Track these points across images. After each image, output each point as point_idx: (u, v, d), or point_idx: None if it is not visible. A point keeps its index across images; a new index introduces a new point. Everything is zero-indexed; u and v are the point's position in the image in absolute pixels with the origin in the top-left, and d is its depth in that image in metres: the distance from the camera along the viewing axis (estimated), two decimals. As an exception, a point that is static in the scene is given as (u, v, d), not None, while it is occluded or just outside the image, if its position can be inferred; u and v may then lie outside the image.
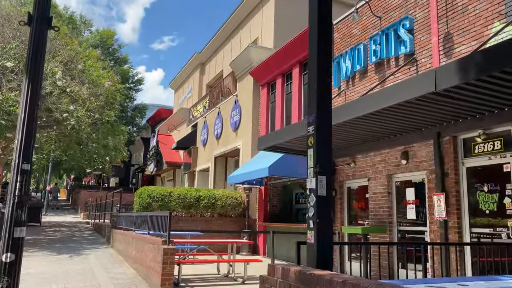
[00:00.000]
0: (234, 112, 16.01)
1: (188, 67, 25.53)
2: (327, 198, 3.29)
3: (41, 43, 3.94)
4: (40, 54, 3.94)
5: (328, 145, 3.44)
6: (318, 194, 3.26)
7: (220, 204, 13.20)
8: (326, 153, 3.38)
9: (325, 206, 3.27)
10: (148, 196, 12.38)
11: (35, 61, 3.90)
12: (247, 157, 14.46)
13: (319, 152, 3.32)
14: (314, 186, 3.28)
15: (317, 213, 3.26)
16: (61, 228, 16.80)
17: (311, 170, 3.36)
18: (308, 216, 3.42)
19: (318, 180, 3.26)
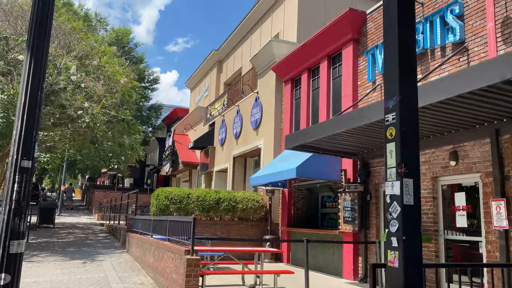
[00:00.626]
0: (254, 110, 15.24)
1: (205, 64, 24.87)
2: (415, 208, 2.48)
3: (47, 5, 3.19)
4: (46, 20, 3.19)
5: (416, 138, 2.62)
6: (404, 203, 2.45)
7: (241, 207, 12.43)
8: (413, 148, 2.57)
9: (413, 218, 2.47)
10: (166, 198, 11.69)
11: (40, 28, 3.16)
12: (268, 157, 13.68)
13: (404, 147, 2.52)
14: (398, 192, 2.48)
15: (403, 227, 2.45)
16: (75, 230, 16.25)
17: (392, 171, 2.56)
18: (390, 232, 2.61)
19: (404, 184, 2.46)
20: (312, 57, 11.79)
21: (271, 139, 13.71)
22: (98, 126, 12.78)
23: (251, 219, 12.85)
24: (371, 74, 9.47)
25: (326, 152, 9.14)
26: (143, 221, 9.74)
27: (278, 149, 13.47)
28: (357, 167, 9.75)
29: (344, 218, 9.57)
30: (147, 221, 9.20)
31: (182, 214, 12.10)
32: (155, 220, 8.23)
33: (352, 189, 9.37)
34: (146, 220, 9.36)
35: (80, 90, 11.59)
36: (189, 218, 6.05)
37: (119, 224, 15.37)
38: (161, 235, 7.80)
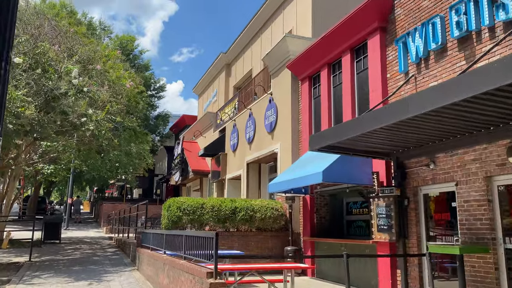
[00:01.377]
0: (268, 112, 14.31)
1: (213, 69, 24.05)
2: None
3: None
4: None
5: None
6: None
7: (259, 216, 11.45)
8: None
9: None
10: (178, 208, 10.75)
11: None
12: (286, 162, 12.72)
13: None
14: None
15: None
16: (82, 245, 15.35)
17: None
18: None
19: None
20: (332, 51, 10.85)
21: (288, 142, 12.75)
22: (103, 134, 11.92)
23: (270, 229, 11.86)
24: (403, 65, 8.49)
25: (357, 153, 8.16)
26: (155, 235, 8.79)
27: (296, 153, 12.50)
28: (390, 169, 8.75)
29: (379, 226, 8.54)
30: (159, 236, 8.25)
31: (196, 226, 11.16)
32: (169, 235, 7.27)
33: (387, 193, 8.35)
34: (158, 234, 8.40)
35: (83, 95, 10.74)
36: (211, 234, 5.11)
37: (128, 238, 14.44)
38: (175, 251, 6.85)
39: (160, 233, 8.23)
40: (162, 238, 7.89)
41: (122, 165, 15.23)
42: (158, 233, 8.40)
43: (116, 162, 14.76)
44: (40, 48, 10.17)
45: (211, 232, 5.22)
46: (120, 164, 15.08)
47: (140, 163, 15.92)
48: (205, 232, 5.57)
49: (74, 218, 33.88)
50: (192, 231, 6.51)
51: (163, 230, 9.58)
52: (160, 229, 16.11)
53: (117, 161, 14.58)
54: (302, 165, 10.60)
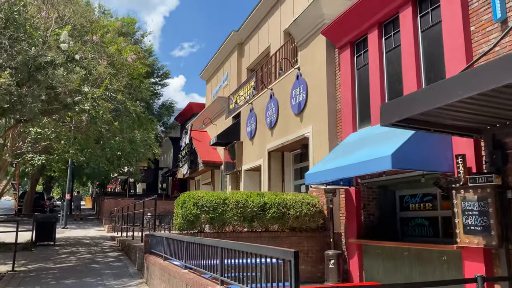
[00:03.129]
0: (295, 90, 12.15)
1: (223, 50, 21.85)
2: None
3: None
4: None
5: None
6: None
7: (293, 214, 9.35)
8: None
9: None
10: (195, 205, 8.65)
11: None
12: (320, 147, 10.59)
13: None
14: None
15: None
16: (80, 247, 13.29)
17: None
18: None
19: None
20: (385, 6, 8.66)
21: (323, 124, 10.61)
22: (102, 116, 9.78)
23: (305, 228, 9.76)
24: (499, 10, 6.31)
25: (439, 129, 6.02)
26: (170, 241, 6.65)
27: (334, 136, 10.36)
28: (479, 151, 6.61)
29: (466, 226, 6.41)
30: (177, 243, 6.11)
31: (216, 227, 9.06)
32: (194, 244, 5.07)
33: (482, 182, 6.20)
34: (175, 240, 6.26)
35: (75, 64, 8.60)
36: (288, 254, 3.01)
37: (133, 239, 12.36)
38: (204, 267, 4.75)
39: (177, 239, 6.09)
40: (181, 246, 5.78)
41: (125, 154, 13.17)
42: (174, 239, 6.27)
43: (118, 151, 12.71)
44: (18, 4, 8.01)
45: (288, 250, 3.09)
46: (123, 153, 13.01)
47: (146, 152, 13.87)
48: (270, 249, 3.45)
49: (74, 215, 31.84)
50: (235, 243, 4.35)
51: (181, 235, 7.49)
52: (167, 229, 14.00)
53: (119, 149, 12.53)
54: (349, 150, 8.46)
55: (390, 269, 8.22)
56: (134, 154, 13.47)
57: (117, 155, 13.45)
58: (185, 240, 5.45)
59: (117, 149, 12.74)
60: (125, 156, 13.63)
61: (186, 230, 8.80)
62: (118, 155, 13.37)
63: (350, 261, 9.33)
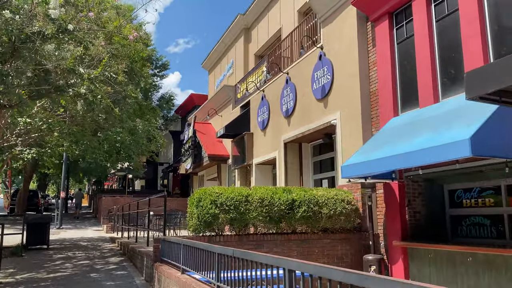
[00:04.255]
0: (318, 72, 10.78)
1: (227, 36, 20.41)
2: None
3: None
4: None
5: None
6: None
7: (326, 212, 7.99)
8: None
9: None
10: (213, 203, 7.28)
11: None
12: (351, 135, 9.26)
13: None
14: None
15: None
16: (77, 251, 11.89)
17: None
18: None
19: None
20: (438, -34, 7.29)
21: (354, 108, 9.25)
22: (100, 101, 8.36)
23: (339, 229, 8.41)
24: None
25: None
26: (191, 250, 5.18)
27: (368, 122, 9.03)
28: None
29: None
30: (202, 254, 4.65)
31: (237, 228, 7.70)
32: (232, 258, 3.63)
33: None
34: (199, 250, 4.80)
35: (68, 36, 7.17)
36: None
37: (137, 242, 10.99)
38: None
39: (204, 248, 4.62)
40: (209, 258, 4.36)
41: (125, 146, 11.74)
42: (199, 248, 4.81)
43: (117, 143, 11.28)
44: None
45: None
46: (123, 145, 11.58)
47: (148, 145, 12.44)
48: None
49: (73, 213, 30.59)
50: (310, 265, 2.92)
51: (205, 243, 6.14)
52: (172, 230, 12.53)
53: (118, 141, 11.12)
54: (398, 137, 7.11)
55: (449, 278, 6.90)
56: (136, 147, 12.03)
57: (116, 148, 11.98)
58: (216, 251, 4.07)
59: (115, 141, 11.30)
60: (125, 149, 12.18)
61: (202, 233, 7.45)
62: (117, 147, 11.90)
63: (393, 267, 8.01)
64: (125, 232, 15.42)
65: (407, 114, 7.90)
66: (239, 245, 7.57)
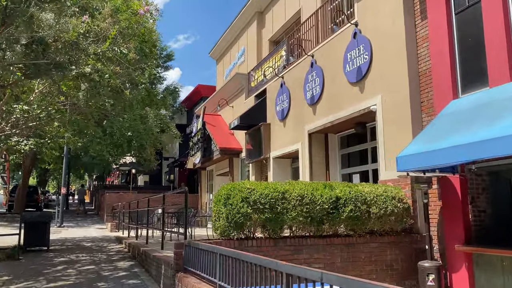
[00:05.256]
0: (352, 53, 9.55)
1: (238, 22, 19.14)
2: None
3: None
4: None
5: None
6: None
7: (375, 212, 6.79)
8: None
9: None
10: (244, 201, 6.08)
11: None
12: (398, 122, 8.05)
13: None
14: None
15: None
16: (80, 253, 10.71)
17: None
18: None
19: None
20: None
21: (401, 91, 8.04)
22: (108, 82, 7.15)
23: (388, 232, 7.21)
24: None
25: None
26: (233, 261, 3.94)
27: (418, 106, 7.82)
28: None
29: None
30: (256, 269, 3.39)
31: (270, 231, 6.49)
32: None
33: None
34: (251, 265, 3.52)
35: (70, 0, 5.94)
36: None
37: (147, 244, 9.80)
38: None
39: (259, 263, 3.37)
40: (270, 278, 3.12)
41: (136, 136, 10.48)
42: (252, 263, 3.55)
43: (129, 131, 10.02)
44: None
45: None
46: (134, 134, 10.32)
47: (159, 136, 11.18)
48: None
49: (77, 210, 29.74)
50: None
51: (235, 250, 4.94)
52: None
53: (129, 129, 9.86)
54: (465, 121, 5.89)
55: None
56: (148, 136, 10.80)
57: (127, 137, 10.69)
58: (285, 271, 2.84)
59: (127, 128, 10.06)
60: (137, 138, 10.90)
61: (231, 236, 6.25)
62: (129, 136, 10.61)
63: (453, 276, 6.81)
64: (131, 231, 14.25)
65: (472, 96, 6.67)
66: (274, 250, 6.39)
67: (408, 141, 7.68)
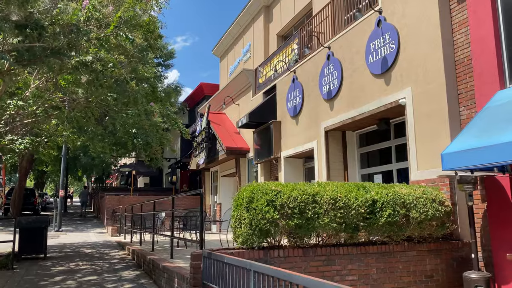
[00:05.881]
0: (376, 42, 8.79)
1: (243, 17, 18.40)
2: None
3: None
4: None
5: None
6: None
7: (416, 216, 6.02)
8: None
9: None
10: (270, 205, 5.30)
11: None
12: (432, 117, 7.30)
13: None
14: None
15: None
16: (80, 261, 9.89)
17: None
18: None
19: None
20: None
21: (434, 83, 7.28)
22: (111, 70, 6.37)
23: (427, 239, 6.43)
24: None
25: None
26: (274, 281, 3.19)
27: (454, 98, 7.06)
28: None
29: None
30: None
31: (297, 239, 5.71)
32: None
33: None
34: None
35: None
36: None
37: (153, 252, 9.00)
38: None
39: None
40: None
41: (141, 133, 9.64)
42: None
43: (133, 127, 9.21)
44: None
45: None
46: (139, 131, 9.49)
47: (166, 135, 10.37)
48: None
49: (80, 212, 29.24)
50: None
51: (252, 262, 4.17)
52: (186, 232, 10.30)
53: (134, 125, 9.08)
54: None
55: None
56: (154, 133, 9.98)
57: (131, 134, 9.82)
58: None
59: (131, 125, 9.24)
60: (142, 135, 10.06)
61: (255, 245, 5.46)
62: (133, 134, 9.75)
63: (505, 287, 6.04)
64: (135, 234, 13.44)
65: (525, 85, 5.91)
66: (303, 261, 5.61)
67: (445, 137, 6.92)
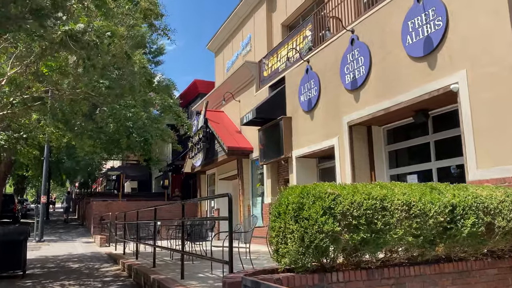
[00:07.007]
0: (416, 20, 7.57)
1: (242, 7, 17.11)
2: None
3: None
4: None
5: None
6: None
7: (502, 226, 4.74)
8: None
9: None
10: (327, 212, 3.94)
11: None
12: (495, 104, 6.07)
13: None
14: None
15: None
16: (66, 281, 8.33)
17: None
18: None
19: None
20: None
21: (499, 64, 6.08)
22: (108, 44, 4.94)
23: (507, 252, 5.16)
24: None
25: None
26: None
27: (529, 82, 5.82)
28: None
29: None
30: None
31: (358, 258, 4.36)
32: None
33: None
34: None
35: None
36: None
37: (155, 269, 7.55)
38: None
39: None
40: None
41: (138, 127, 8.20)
42: None
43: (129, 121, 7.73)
44: None
45: None
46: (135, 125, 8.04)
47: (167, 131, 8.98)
48: None
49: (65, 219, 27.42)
50: None
51: None
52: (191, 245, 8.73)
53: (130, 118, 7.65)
54: None
55: None
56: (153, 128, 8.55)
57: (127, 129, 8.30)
58: None
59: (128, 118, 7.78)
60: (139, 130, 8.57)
61: (306, 267, 4.09)
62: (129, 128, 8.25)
63: None
64: (126, 244, 11.92)
65: None
66: (368, 286, 4.27)
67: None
